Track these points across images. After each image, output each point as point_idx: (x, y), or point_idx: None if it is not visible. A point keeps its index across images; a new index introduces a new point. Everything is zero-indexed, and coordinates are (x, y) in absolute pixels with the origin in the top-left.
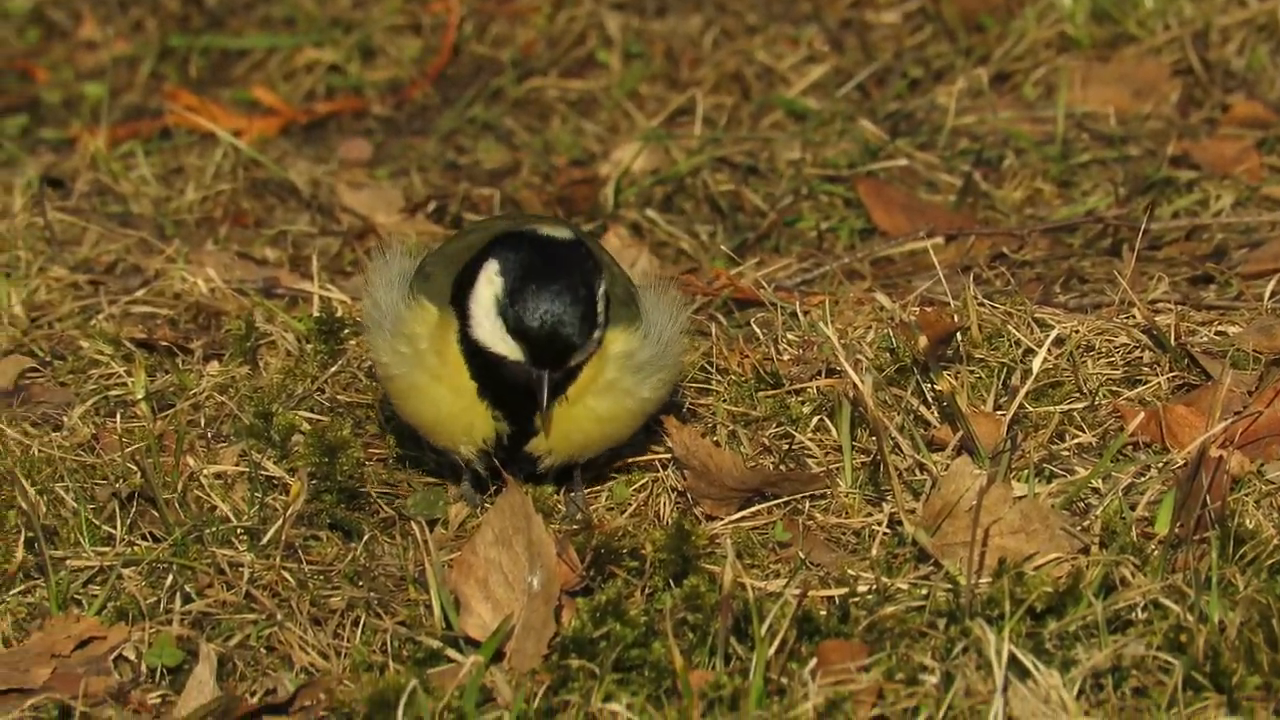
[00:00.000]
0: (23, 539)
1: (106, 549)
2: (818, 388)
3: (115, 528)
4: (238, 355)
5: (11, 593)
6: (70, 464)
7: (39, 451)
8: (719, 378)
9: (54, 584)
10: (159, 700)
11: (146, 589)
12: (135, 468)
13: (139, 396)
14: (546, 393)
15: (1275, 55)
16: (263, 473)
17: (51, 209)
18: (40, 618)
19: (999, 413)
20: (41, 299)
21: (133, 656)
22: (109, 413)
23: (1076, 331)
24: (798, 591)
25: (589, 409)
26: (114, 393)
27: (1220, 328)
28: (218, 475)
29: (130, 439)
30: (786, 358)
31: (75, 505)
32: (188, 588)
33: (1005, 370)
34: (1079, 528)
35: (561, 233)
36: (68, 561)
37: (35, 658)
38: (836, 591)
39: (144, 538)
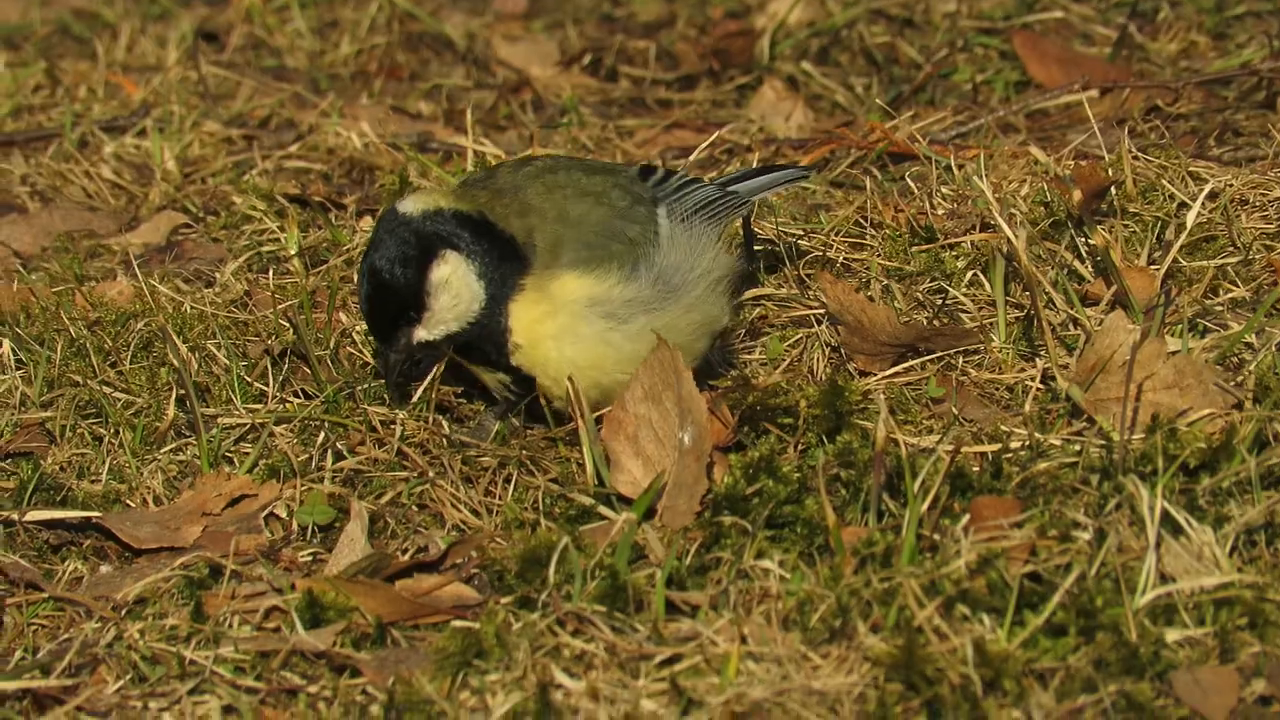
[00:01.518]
0: (174, 396)
1: (258, 406)
2: (972, 242)
3: (267, 385)
4: None
5: (163, 451)
6: (222, 320)
7: (191, 308)
8: (873, 232)
9: (205, 442)
10: (310, 558)
11: (298, 446)
12: (287, 324)
13: (292, 252)
14: (385, 368)
15: None
16: None
17: (206, 63)
18: (191, 476)
19: (1153, 267)
20: (194, 154)
21: (284, 514)
22: (261, 269)
23: (1230, 185)
24: (950, 447)
25: (560, 354)
26: (266, 248)
27: None
28: (366, 332)
29: (283, 295)
30: (940, 212)
31: (227, 362)
32: (339, 445)
33: (1159, 224)
34: (1232, 383)
35: (419, 204)
36: (219, 419)
37: (186, 516)
38: (989, 447)
39: (296, 395)
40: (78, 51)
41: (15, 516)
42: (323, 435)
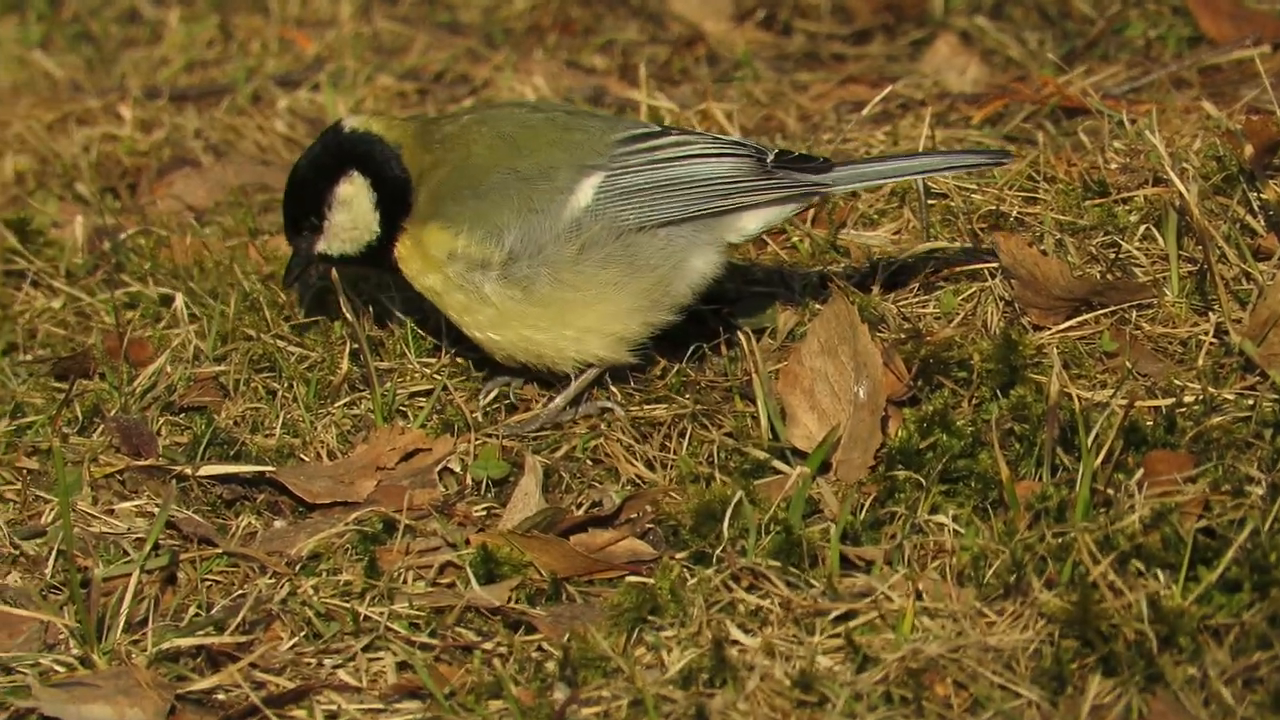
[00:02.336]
0: (348, 350)
1: (432, 361)
2: (1144, 196)
3: (441, 340)
4: None
5: (337, 405)
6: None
7: None
8: (1046, 186)
9: (379, 396)
10: (484, 513)
11: (472, 401)
12: None
13: None
14: (286, 268)
15: None
16: None
17: (380, 17)
18: (365, 430)
19: None
20: (369, 108)
21: (458, 469)
22: None
23: None
24: (1124, 402)
25: (459, 316)
26: None
27: None
28: None
29: None
30: (1113, 166)
31: (402, 317)
32: (515, 397)
33: None
34: None
35: (356, 122)
36: (394, 375)
37: (360, 470)
38: (1163, 402)
39: (471, 350)
40: (251, 6)
41: (189, 471)
42: (496, 390)
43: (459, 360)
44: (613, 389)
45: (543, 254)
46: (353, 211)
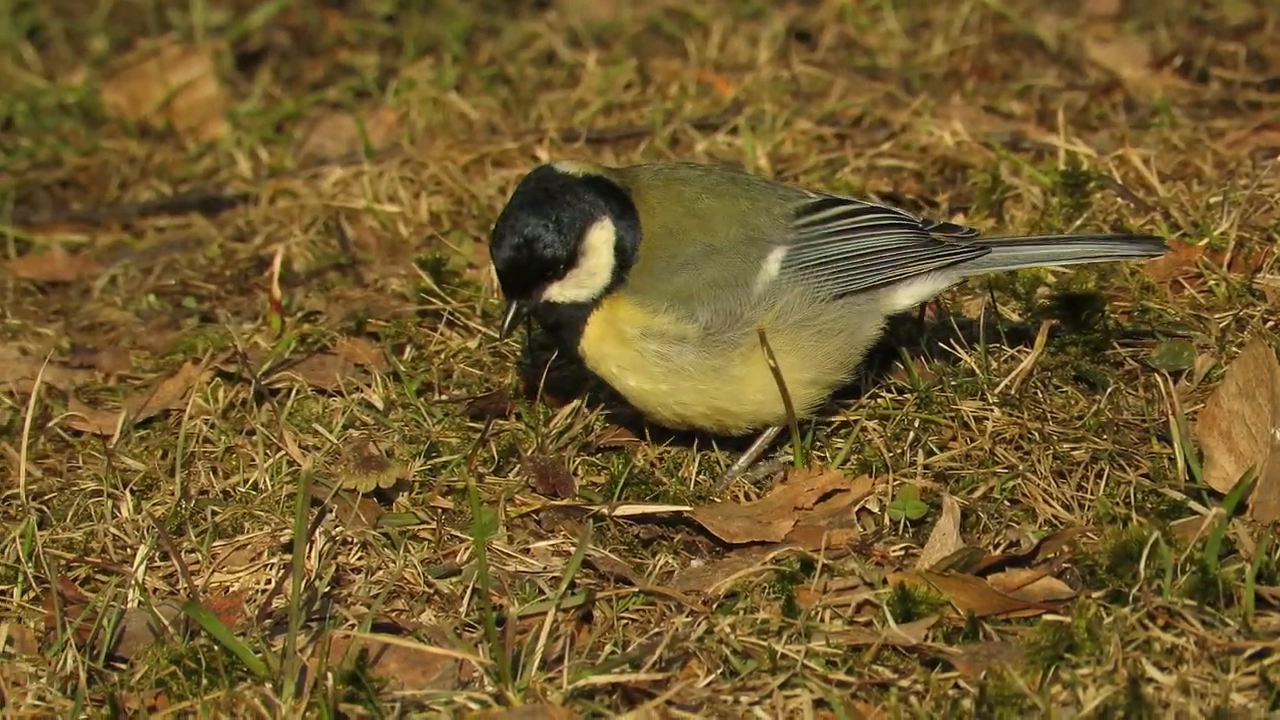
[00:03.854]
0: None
1: (850, 401)
2: None
3: (859, 380)
4: (983, 208)
5: (754, 446)
6: None
7: None
8: None
9: (798, 437)
10: (901, 552)
11: (890, 441)
12: None
13: None
14: (507, 318)
15: None
16: (1006, 324)
17: (798, 62)
18: (783, 471)
19: None
20: (787, 151)
21: (875, 509)
22: None
23: None
24: None
25: (624, 379)
26: None
27: None
28: (962, 328)
29: None
30: None
31: None
32: (931, 441)
33: None
34: None
35: (575, 168)
36: (812, 416)
37: (778, 510)
38: None
39: (887, 390)
40: (669, 49)
41: (606, 511)
42: (913, 431)
43: (878, 401)
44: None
45: (742, 320)
46: (601, 256)
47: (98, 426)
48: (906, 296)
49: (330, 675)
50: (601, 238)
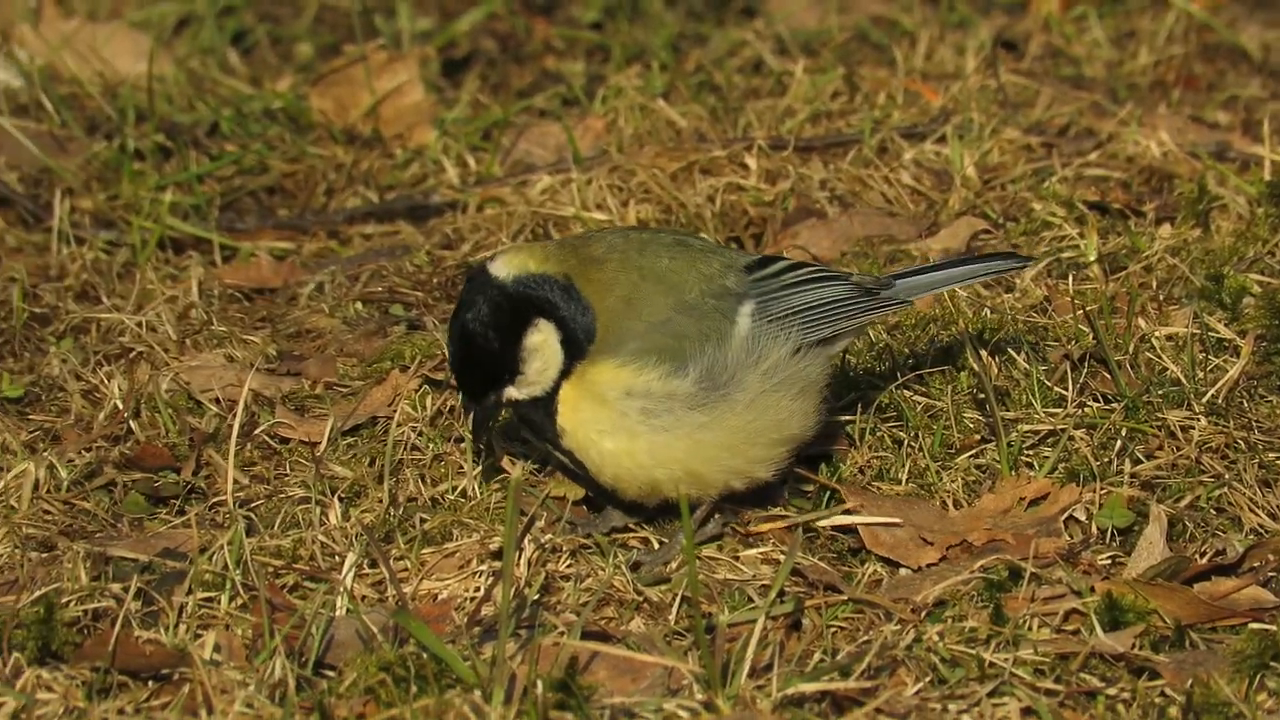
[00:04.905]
0: (974, 401)
1: (1058, 410)
2: None
3: (1067, 389)
4: (1189, 218)
5: (962, 456)
6: (1021, 325)
7: (990, 313)
8: None
9: (1005, 445)
10: (1108, 561)
11: (1097, 450)
12: (1087, 329)
13: (1091, 258)
14: (471, 422)
15: None
16: (1213, 334)
17: (1005, 71)
18: (991, 479)
19: None
20: (994, 161)
21: (1083, 517)
22: (1060, 274)
23: None
24: None
25: (601, 446)
26: (1066, 254)
27: None
28: (1168, 337)
29: (1082, 300)
30: None
31: (1027, 367)
32: (1138, 450)
33: None
34: None
35: (507, 268)
36: (1019, 424)
37: (985, 519)
38: None
39: (1094, 399)
40: (876, 58)
41: (816, 521)
42: (1120, 440)
43: (1084, 410)
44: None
45: (734, 380)
46: (545, 355)
47: (305, 434)
48: (839, 346)
49: (540, 683)
50: (540, 339)
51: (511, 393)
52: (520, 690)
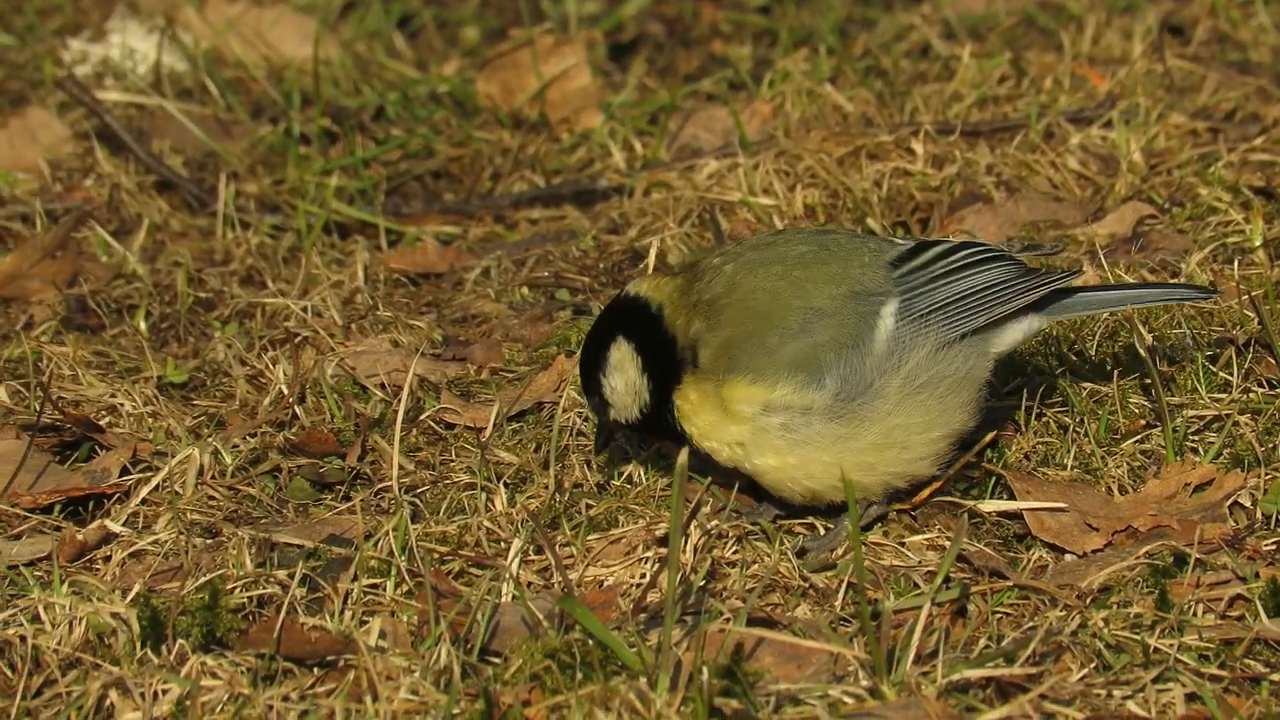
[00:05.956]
0: (1140, 386)
1: (1222, 396)
2: None
3: (1231, 374)
4: None
5: (1127, 441)
6: (1188, 311)
7: None
8: None
9: (1170, 431)
10: (1273, 546)
11: (1262, 435)
12: (1252, 314)
13: (1256, 244)
14: (597, 433)
15: None
16: None
17: (1171, 56)
18: (1156, 465)
19: None
20: (1160, 146)
21: (1247, 503)
22: (1226, 259)
23: None
24: None
25: (753, 463)
26: (1231, 239)
27: None
28: None
29: (1247, 285)
30: None
31: (1192, 352)
32: None
33: None
34: None
35: (632, 287)
36: (1184, 409)
37: (1150, 504)
38: None
39: (1259, 384)
40: (1043, 43)
41: (981, 507)
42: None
43: (1249, 395)
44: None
45: (872, 389)
46: (625, 376)
47: (470, 419)
48: (1009, 337)
49: (705, 669)
50: (618, 357)
51: (613, 414)
52: (685, 677)
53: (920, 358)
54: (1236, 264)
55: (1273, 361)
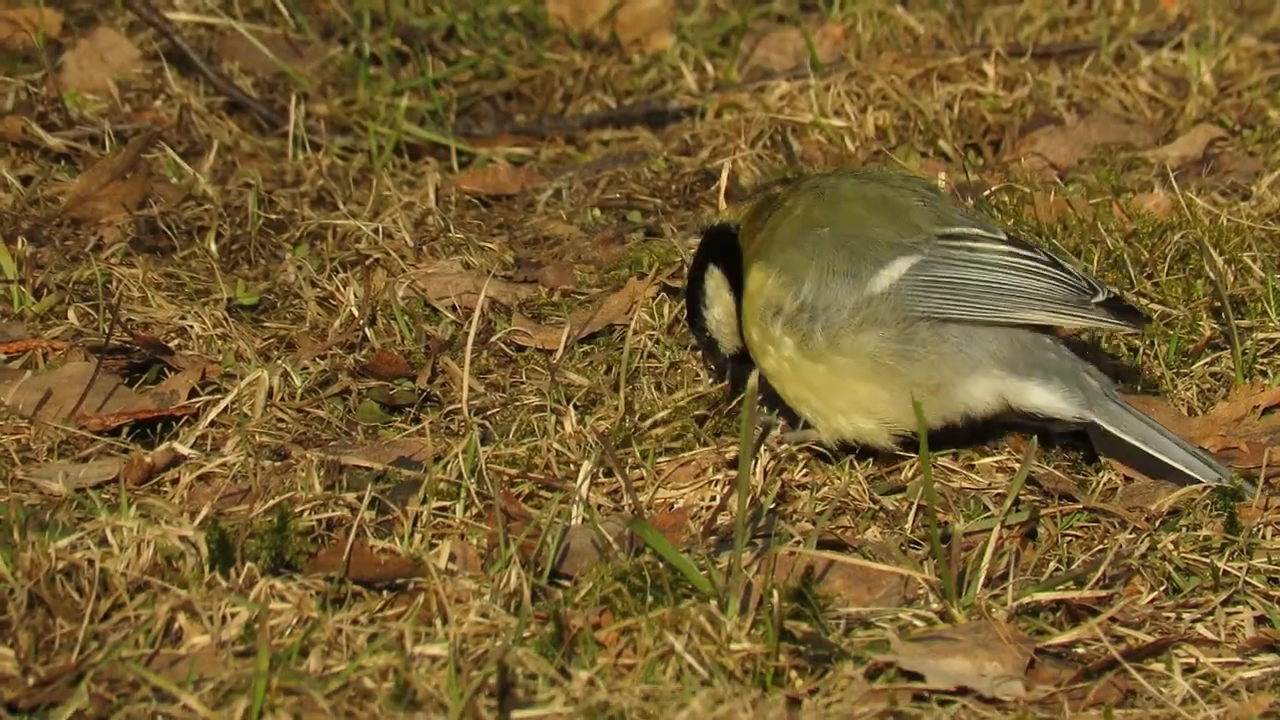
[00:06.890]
0: (1210, 309)
1: None
2: None
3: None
4: None
5: (1198, 364)
6: (1258, 233)
7: (1227, 221)
8: None
9: (1239, 353)
10: None
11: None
12: None
13: None
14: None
15: None
16: None
17: None
18: (1225, 387)
19: None
20: (1230, 69)
21: None
22: None
23: None
24: None
25: (759, 342)
26: None
27: None
28: None
29: None
30: None
31: (1262, 275)
32: None
33: None
34: None
35: (719, 219)
36: (1254, 332)
37: (1220, 426)
38: None
39: None
40: None
41: (1048, 428)
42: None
43: None
44: None
45: (826, 314)
46: (722, 302)
47: (541, 341)
48: (1032, 391)
49: (775, 592)
50: (712, 285)
51: (720, 347)
52: (756, 600)
53: (885, 313)
54: None
55: None
